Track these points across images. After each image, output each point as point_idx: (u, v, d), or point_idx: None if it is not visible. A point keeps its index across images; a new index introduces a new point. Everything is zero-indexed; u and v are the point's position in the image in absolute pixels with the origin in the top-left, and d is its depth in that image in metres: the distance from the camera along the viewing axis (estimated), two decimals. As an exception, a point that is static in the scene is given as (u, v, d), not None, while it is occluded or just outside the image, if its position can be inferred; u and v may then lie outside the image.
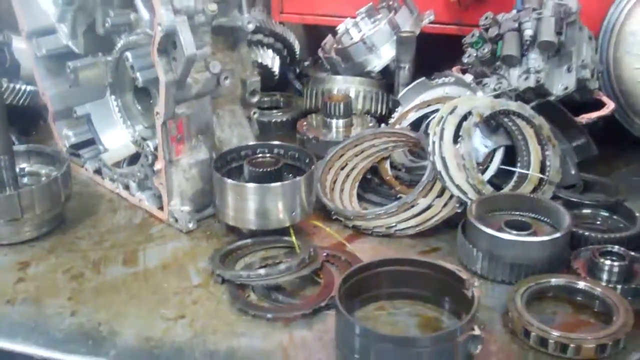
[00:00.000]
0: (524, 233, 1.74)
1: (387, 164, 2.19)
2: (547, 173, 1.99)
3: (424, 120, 2.26)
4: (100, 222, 2.07)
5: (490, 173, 2.02)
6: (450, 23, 2.73)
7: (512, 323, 1.55)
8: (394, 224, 1.94)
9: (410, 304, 1.65)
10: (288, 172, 1.99)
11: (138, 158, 2.11)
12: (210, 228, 2.02)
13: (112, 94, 2.24)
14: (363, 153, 2.21)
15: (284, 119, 2.75)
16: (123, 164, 2.26)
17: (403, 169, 2.18)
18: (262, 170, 1.89)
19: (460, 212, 1.90)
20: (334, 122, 2.44)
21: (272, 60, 2.84)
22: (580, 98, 2.36)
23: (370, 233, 1.97)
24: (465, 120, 2.00)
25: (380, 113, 2.59)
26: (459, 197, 1.91)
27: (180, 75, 1.82)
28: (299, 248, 1.84)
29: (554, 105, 2.22)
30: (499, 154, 2.06)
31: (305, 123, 2.52)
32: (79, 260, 1.86)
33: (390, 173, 2.16)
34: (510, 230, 1.75)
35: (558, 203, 1.87)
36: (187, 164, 2.00)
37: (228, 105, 2.15)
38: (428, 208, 1.94)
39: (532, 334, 1.49)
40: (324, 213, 2.05)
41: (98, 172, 2.30)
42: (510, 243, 1.72)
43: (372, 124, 2.47)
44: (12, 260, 1.87)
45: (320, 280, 1.74)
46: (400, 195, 2.04)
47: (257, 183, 1.85)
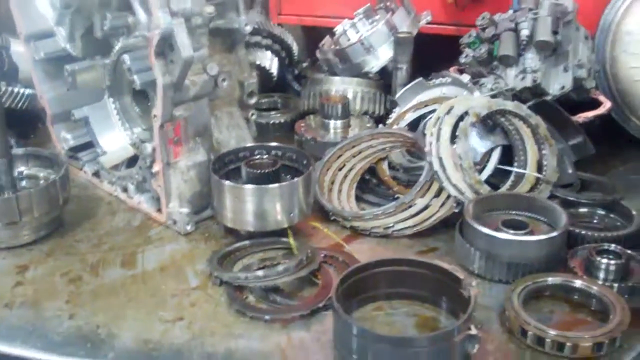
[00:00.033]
0: (521, 232, 1.75)
1: (385, 165, 2.19)
2: (544, 172, 2.00)
3: (422, 121, 2.26)
4: (99, 224, 2.07)
5: (488, 173, 2.03)
6: (448, 23, 2.73)
7: (509, 322, 1.55)
8: (392, 225, 1.94)
9: (408, 304, 1.65)
10: (286, 173, 1.99)
11: (136, 160, 2.12)
12: (209, 230, 2.02)
13: (110, 97, 2.25)
14: (361, 154, 2.21)
15: (283, 120, 2.75)
16: (121, 167, 2.26)
17: (401, 170, 2.18)
18: (259, 172, 1.90)
19: (458, 212, 1.90)
20: (332, 123, 2.44)
21: (270, 62, 2.84)
22: (577, 97, 2.36)
23: (368, 234, 1.97)
24: (462, 121, 2.01)
25: (378, 114, 2.59)
26: (456, 197, 1.91)
27: (178, 78, 1.83)
28: (297, 249, 1.84)
29: (551, 105, 2.22)
30: (496, 154, 2.06)
31: (303, 124, 2.52)
32: (77, 263, 1.87)
33: (388, 173, 2.16)
34: (508, 230, 1.75)
35: (555, 202, 1.88)
36: (185, 166, 2.00)
37: (226, 107, 2.16)
38: (425, 208, 1.95)
39: (529, 333, 1.49)
40: (322, 214, 2.05)
41: (96, 174, 2.30)
42: (507, 242, 1.72)
43: (370, 125, 2.47)
44: (10, 264, 1.87)
45: (318, 281, 1.74)
46: (398, 196, 2.04)
47: (255, 184, 1.86)
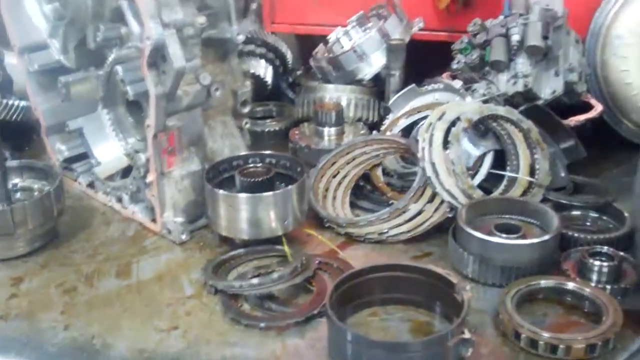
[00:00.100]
0: (514, 236, 1.76)
1: (379, 171, 2.20)
2: (536, 176, 2.00)
3: (415, 127, 2.27)
4: (94, 235, 2.08)
5: (480, 177, 2.04)
6: (439, 30, 2.74)
7: (502, 325, 1.56)
8: (386, 230, 1.95)
9: (403, 309, 1.66)
10: (280, 181, 2.00)
11: (131, 171, 2.12)
12: (204, 239, 2.03)
13: (104, 108, 2.26)
14: (355, 160, 2.22)
15: (277, 128, 2.76)
16: (116, 177, 2.27)
17: (395, 176, 2.19)
18: (253, 180, 1.90)
19: (451, 216, 1.91)
20: (326, 130, 2.44)
21: (264, 70, 2.86)
22: (569, 101, 2.37)
23: (363, 240, 1.98)
24: (454, 126, 2.02)
25: (372, 120, 2.60)
26: (450, 202, 1.92)
27: (170, 88, 1.84)
28: (292, 257, 1.84)
29: (542, 109, 2.23)
30: (489, 159, 2.07)
31: (298, 132, 2.52)
32: (72, 274, 1.87)
33: (382, 180, 2.17)
34: (500, 234, 1.76)
35: (548, 205, 1.89)
36: (179, 176, 2.01)
37: (219, 116, 2.17)
38: (419, 213, 1.95)
39: (522, 336, 1.50)
40: (317, 221, 2.05)
41: (91, 185, 2.31)
42: (500, 246, 1.73)
43: (363, 132, 2.48)
44: (5, 276, 1.87)
45: (313, 288, 1.75)
46: (392, 202, 2.05)
47: (249, 193, 1.86)
